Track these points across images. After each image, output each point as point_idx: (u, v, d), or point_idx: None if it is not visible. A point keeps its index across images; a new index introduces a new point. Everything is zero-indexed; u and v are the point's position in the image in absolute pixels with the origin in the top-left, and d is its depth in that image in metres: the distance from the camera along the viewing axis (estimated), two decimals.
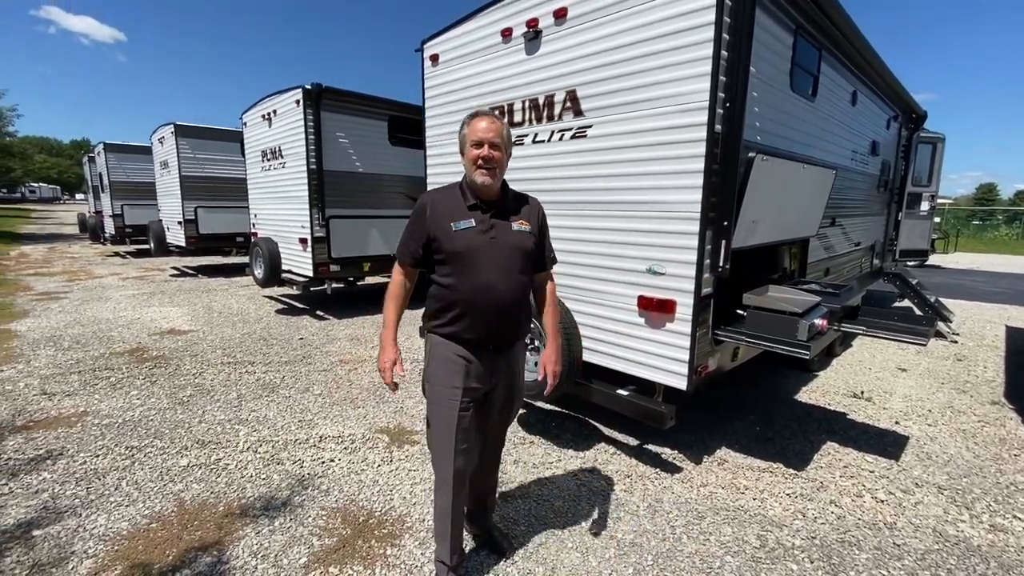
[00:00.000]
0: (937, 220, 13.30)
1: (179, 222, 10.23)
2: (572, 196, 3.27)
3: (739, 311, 3.14)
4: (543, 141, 3.38)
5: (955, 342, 6.25)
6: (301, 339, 5.98)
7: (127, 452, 3.22)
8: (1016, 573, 2.32)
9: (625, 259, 3.02)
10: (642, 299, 2.94)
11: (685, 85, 2.62)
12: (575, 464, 3.19)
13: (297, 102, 6.42)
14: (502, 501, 2.76)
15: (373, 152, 7.13)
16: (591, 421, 3.81)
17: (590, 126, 3.11)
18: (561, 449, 3.39)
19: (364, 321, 6.94)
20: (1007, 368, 5.28)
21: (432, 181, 4.37)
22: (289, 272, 7.24)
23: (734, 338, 2.96)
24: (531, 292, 2.13)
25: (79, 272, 11.02)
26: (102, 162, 13.60)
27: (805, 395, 4.45)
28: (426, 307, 2.05)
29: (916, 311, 6.59)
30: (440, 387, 1.99)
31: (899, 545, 2.49)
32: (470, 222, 1.94)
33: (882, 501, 2.87)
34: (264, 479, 2.96)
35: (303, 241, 6.73)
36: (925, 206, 7.46)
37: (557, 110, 3.27)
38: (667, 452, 3.37)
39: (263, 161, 7.60)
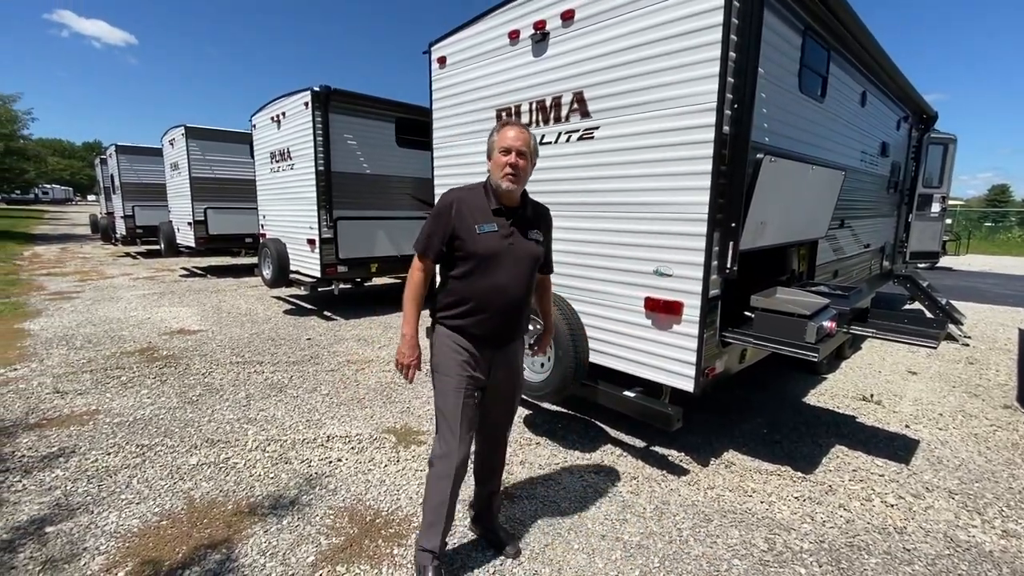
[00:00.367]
0: (948, 222, 13.15)
1: (189, 223, 10.34)
2: (579, 197, 3.28)
3: (747, 313, 3.13)
4: (550, 143, 3.39)
5: (966, 345, 6.18)
6: (309, 339, 6.02)
7: (138, 450, 3.26)
8: None
9: (632, 260, 3.02)
10: (649, 300, 2.94)
11: (693, 86, 2.62)
12: (581, 465, 3.19)
13: (306, 104, 6.47)
14: (508, 502, 2.77)
15: (380, 154, 7.17)
16: (597, 423, 3.80)
17: (597, 127, 3.11)
18: (567, 450, 3.39)
19: (371, 322, 6.97)
20: (1020, 372, 5.21)
21: (439, 183, 4.39)
22: (297, 273, 7.29)
23: (742, 340, 2.95)
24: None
25: (91, 272, 11.16)
26: (114, 164, 13.78)
27: (813, 398, 4.42)
28: (437, 298, 2.14)
29: (927, 313, 6.52)
30: (446, 376, 2.07)
31: (909, 550, 2.47)
32: (493, 226, 2.04)
33: (892, 505, 2.84)
34: (272, 478, 2.98)
35: (311, 242, 6.77)
36: (936, 208, 7.38)
37: (564, 112, 3.27)
38: (674, 454, 3.36)
39: (272, 163, 7.66)
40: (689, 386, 2.82)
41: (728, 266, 2.72)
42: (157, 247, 12.38)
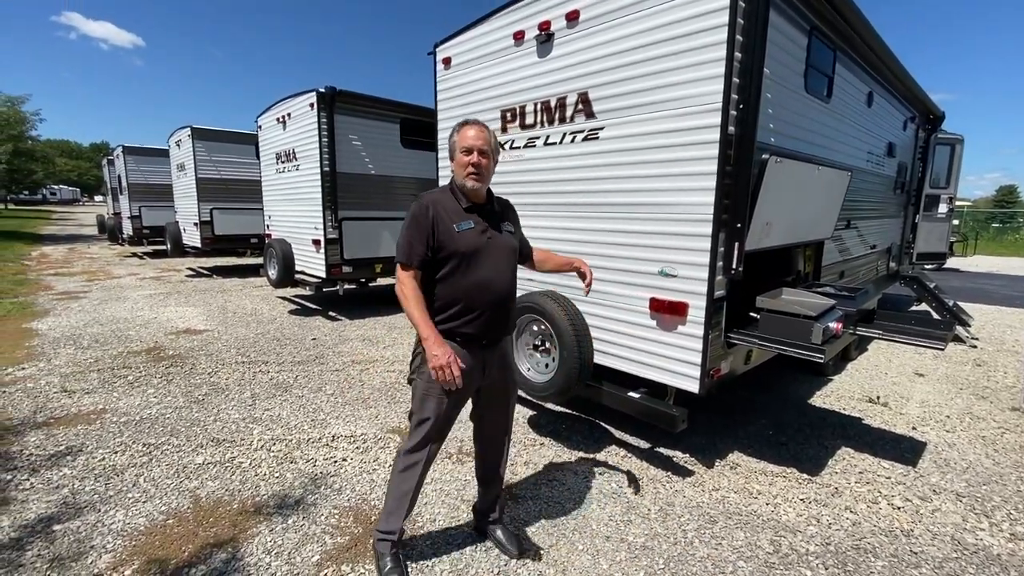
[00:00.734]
0: (955, 223, 13.06)
1: (195, 223, 10.40)
2: (584, 198, 3.27)
3: (752, 314, 3.12)
4: (555, 143, 3.39)
5: (974, 347, 6.14)
6: (314, 339, 6.04)
7: (144, 449, 3.28)
8: None
9: (637, 261, 3.02)
10: (654, 301, 2.93)
11: (698, 87, 2.61)
12: (586, 466, 3.18)
13: (311, 105, 6.50)
14: (512, 502, 2.77)
15: (385, 154, 7.19)
16: (602, 423, 3.80)
17: (602, 128, 3.11)
18: (572, 451, 3.38)
19: (376, 322, 6.98)
20: None
21: (444, 184, 4.39)
22: (302, 273, 7.32)
23: (747, 341, 2.94)
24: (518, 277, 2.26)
25: (98, 272, 11.24)
26: (120, 165, 13.88)
27: (819, 399, 4.40)
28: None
29: (934, 315, 6.48)
30: (433, 380, 2.02)
31: (916, 553, 2.45)
32: (470, 223, 2.06)
33: (899, 508, 2.82)
34: (278, 477, 2.99)
35: (316, 242, 6.80)
36: (943, 208, 7.33)
37: (569, 112, 3.27)
38: (679, 455, 3.35)
39: (277, 163, 7.70)
40: (694, 387, 2.81)
41: (733, 267, 2.71)
42: (163, 247, 12.46)
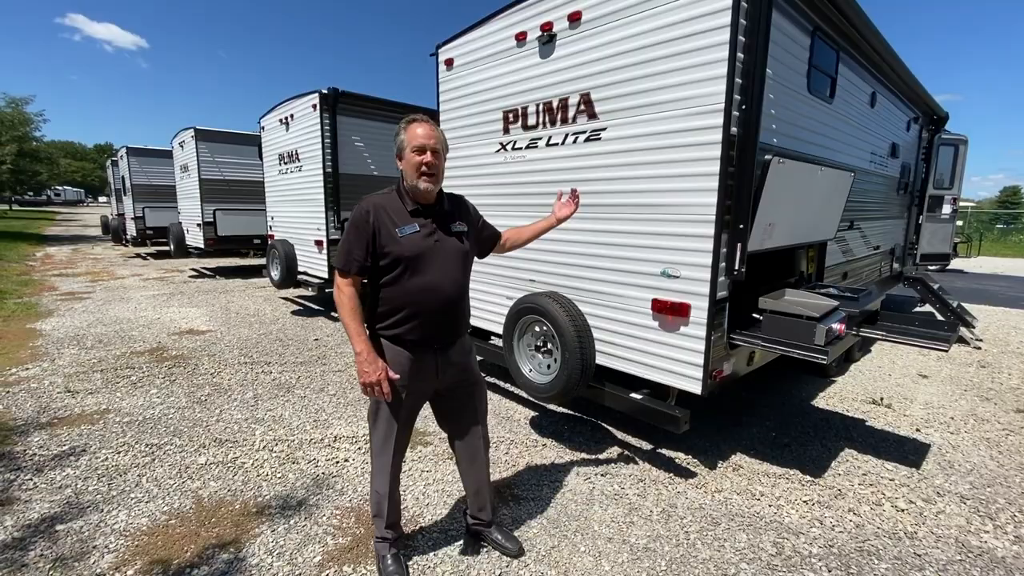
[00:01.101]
0: (959, 223, 13.01)
1: (198, 224, 10.42)
2: (586, 199, 3.25)
3: (755, 315, 3.11)
4: (557, 144, 3.39)
5: (978, 348, 6.11)
6: (316, 340, 6.05)
7: (147, 449, 3.29)
8: None
9: (639, 262, 3.01)
10: (656, 302, 2.93)
11: (700, 87, 2.61)
12: (588, 468, 3.18)
13: (314, 106, 6.51)
14: (514, 503, 2.77)
15: (388, 156, 7.18)
16: (604, 425, 3.79)
17: (604, 129, 3.11)
18: (574, 452, 3.38)
19: None
20: None
21: (446, 184, 4.37)
22: (305, 274, 7.32)
23: (750, 342, 2.93)
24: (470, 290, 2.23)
25: (102, 273, 11.28)
26: (124, 166, 13.92)
27: (822, 401, 4.39)
28: (371, 312, 2.05)
29: (938, 316, 6.44)
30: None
31: (920, 555, 2.44)
32: (414, 227, 2.00)
33: (902, 510, 2.81)
34: (280, 478, 3.00)
35: (319, 243, 6.81)
36: (947, 209, 7.30)
37: (571, 113, 3.27)
38: (681, 457, 3.34)
39: (280, 164, 7.72)
40: (696, 388, 2.80)
41: (736, 268, 2.71)
42: (167, 248, 12.50)
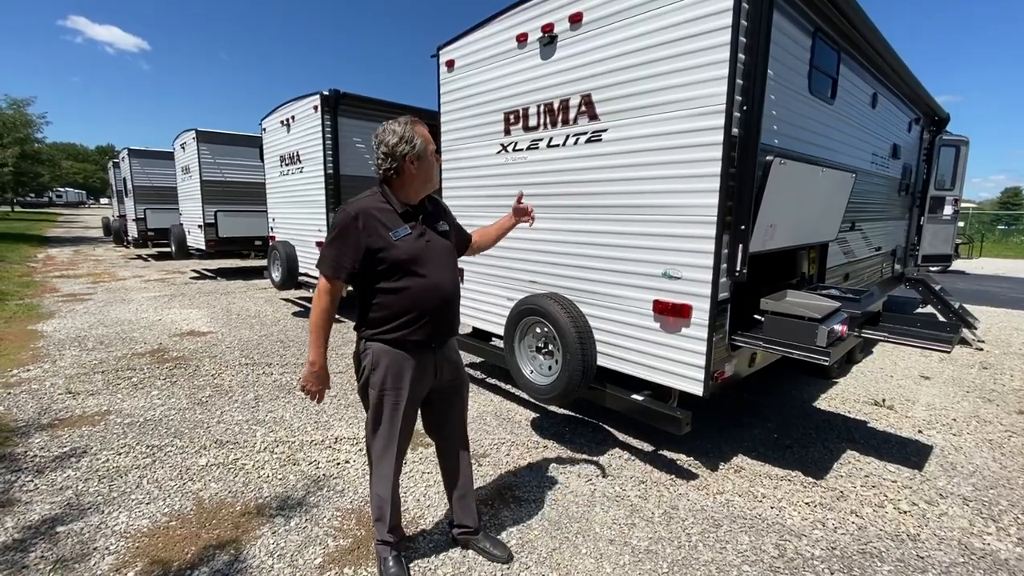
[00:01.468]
0: (961, 225, 12.99)
1: (200, 226, 10.44)
2: (587, 200, 3.27)
3: (756, 316, 3.11)
4: (558, 145, 3.39)
5: (980, 349, 6.09)
6: None
7: (148, 451, 3.29)
8: None
9: (640, 263, 3.01)
10: (657, 303, 2.92)
11: (701, 88, 2.61)
12: (589, 469, 3.17)
13: (315, 108, 6.52)
14: (515, 505, 2.76)
15: None
16: (605, 426, 3.79)
17: (605, 130, 3.10)
18: (575, 454, 3.37)
19: None
20: None
21: (447, 185, 4.40)
22: (306, 275, 7.32)
23: (751, 344, 2.92)
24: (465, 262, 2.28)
25: (103, 274, 11.29)
26: (126, 167, 13.94)
27: (824, 403, 4.37)
28: (367, 318, 2.04)
29: (939, 317, 6.43)
30: (387, 392, 2.03)
31: (923, 557, 2.43)
32: (407, 229, 2.00)
33: (905, 512, 2.80)
34: (280, 479, 2.99)
35: (320, 245, 6.81)
36: (948, 210, 7.30)
37: (572, 114, 3.27)
38: (682, 458, 3.33)
39: (281, 166, 7.73)
40: (698, 390, 2.79)
41: (737, 269, 2.70)
42: (168, 249, 12.51)
